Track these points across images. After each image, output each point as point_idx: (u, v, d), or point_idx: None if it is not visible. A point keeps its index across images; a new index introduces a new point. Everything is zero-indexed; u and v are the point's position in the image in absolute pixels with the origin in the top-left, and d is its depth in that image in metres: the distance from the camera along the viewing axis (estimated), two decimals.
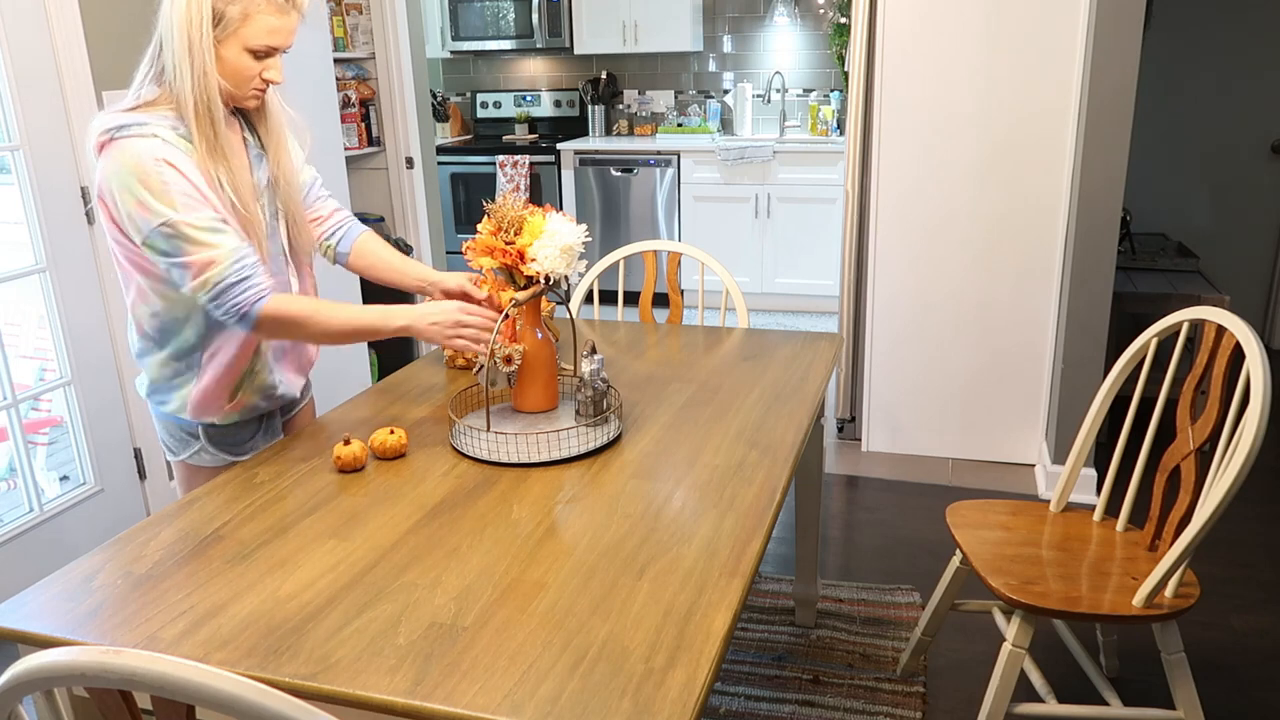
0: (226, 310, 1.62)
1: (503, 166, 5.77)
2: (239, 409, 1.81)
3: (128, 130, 1.59)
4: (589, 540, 1.42)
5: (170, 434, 1.84)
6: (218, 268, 1.59)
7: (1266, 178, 4.62)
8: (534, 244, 1.72)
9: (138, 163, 1.56)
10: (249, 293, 1.61)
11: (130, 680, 0.79)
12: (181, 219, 1.56)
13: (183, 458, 1.84)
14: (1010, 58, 3.21)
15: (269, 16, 1.60)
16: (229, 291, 1.60)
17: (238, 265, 1.61)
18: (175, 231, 1.56)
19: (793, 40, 5.76)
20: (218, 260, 1.59)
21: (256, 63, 1.63)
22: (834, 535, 3.10)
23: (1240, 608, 2.64)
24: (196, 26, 1.56)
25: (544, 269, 1.71)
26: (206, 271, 1.59)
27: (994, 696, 1.86)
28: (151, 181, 1.55)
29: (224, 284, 1.60)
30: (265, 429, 1.89)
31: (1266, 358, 1.68)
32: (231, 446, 1.84)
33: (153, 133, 1.58)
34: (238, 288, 1.61)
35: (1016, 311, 3.42)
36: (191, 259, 1.58)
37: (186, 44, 1.57)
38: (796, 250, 5.46)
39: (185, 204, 1.57)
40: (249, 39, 1.60)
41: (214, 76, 1.60)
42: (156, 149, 1.57)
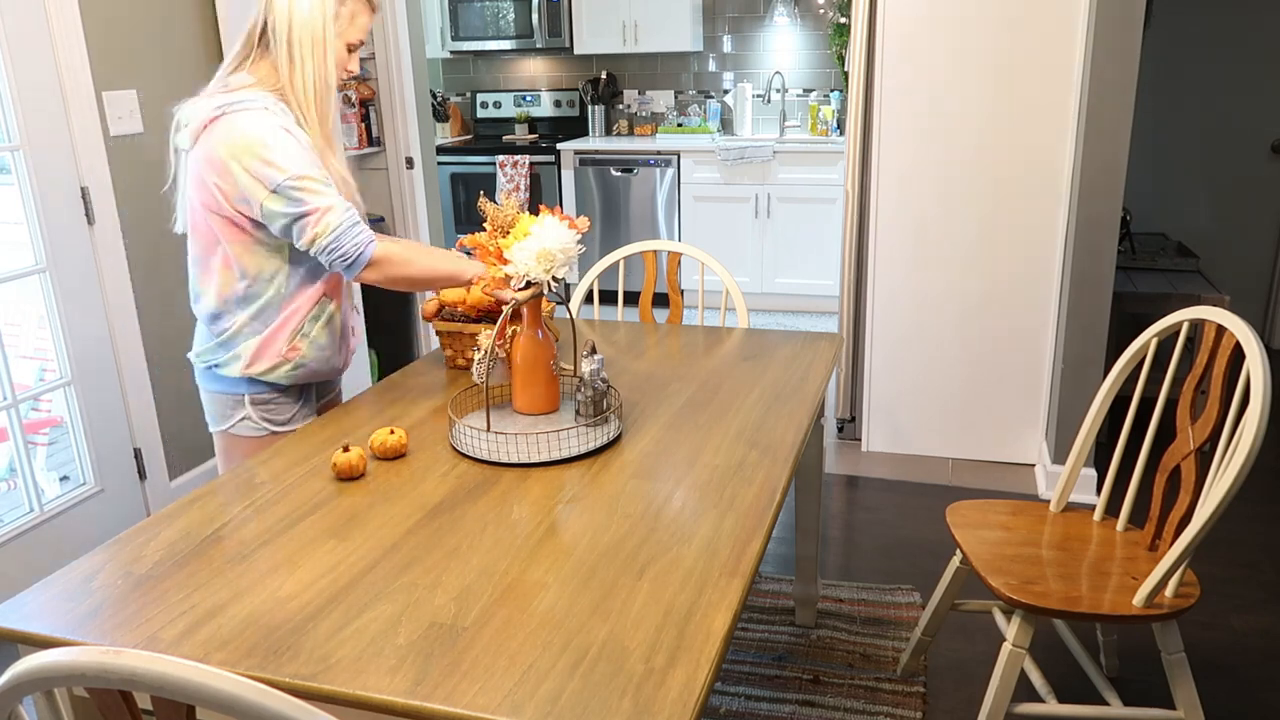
0: (345, 252, 1.79)
1: (503, 166, 5.77)
2: (294, 356, 1.91)
3: (240, 105, 1.75)
4: (589, 540, 1.42)
5: (218, 403, 1.95)
6: (335, 215, 1.77)
7: (1266, 178, 4.62)
8: (513, 246, 1.73)
9: (259, 129, 1.73)
10: (362, 235, 1.81)
11: (130, 680, 0.79)
12: (306, 173, 1.75)
13: (225, 428, 1.96)
14: (1010, 57, 3.21)
15: (366, 16, 1.85)
16: (347, 234, 1.78)
17: (350, 213, 1.80)
18: (300, 185, 1.74)
19: (793, 40, 5.76)
20: (335, 208, 1.77)
21: (348, 55, 1.86)
22: (834, 535, 3.10)
23: (1240, 608, 2.64)
24: (322, 25, 1.78)
25: (520, 272, 1.72)
26: (326, 218, 1.76)
27: (994, 696, 1.86)
28: (274, 144, 1.73)
29: (341, 228, 1.77)
30: (304, 403, 2.00)
31: (1266, 358, 1.68)
32: (273, 416, 1.94)
33: (264, 106, 1.76)
34: (353, 230, 1.79)
35: (1016, 312, 3.42)
36: (314, 207, 1.75)
37: (316, 37, 1.78)
38: (796, 250, 5.46)
39: (305, 164, 1.76)
40: (350, 35, 1.84)
41: (334, 67, 1.82)
42: (274, 119, 1.75)
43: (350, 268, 1.81)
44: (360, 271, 1.82)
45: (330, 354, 1.98)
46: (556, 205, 5.67)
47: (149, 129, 3.08)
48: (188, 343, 2.03)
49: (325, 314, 1.94)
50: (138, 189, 3.05)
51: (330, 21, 1.78)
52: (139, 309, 3.07)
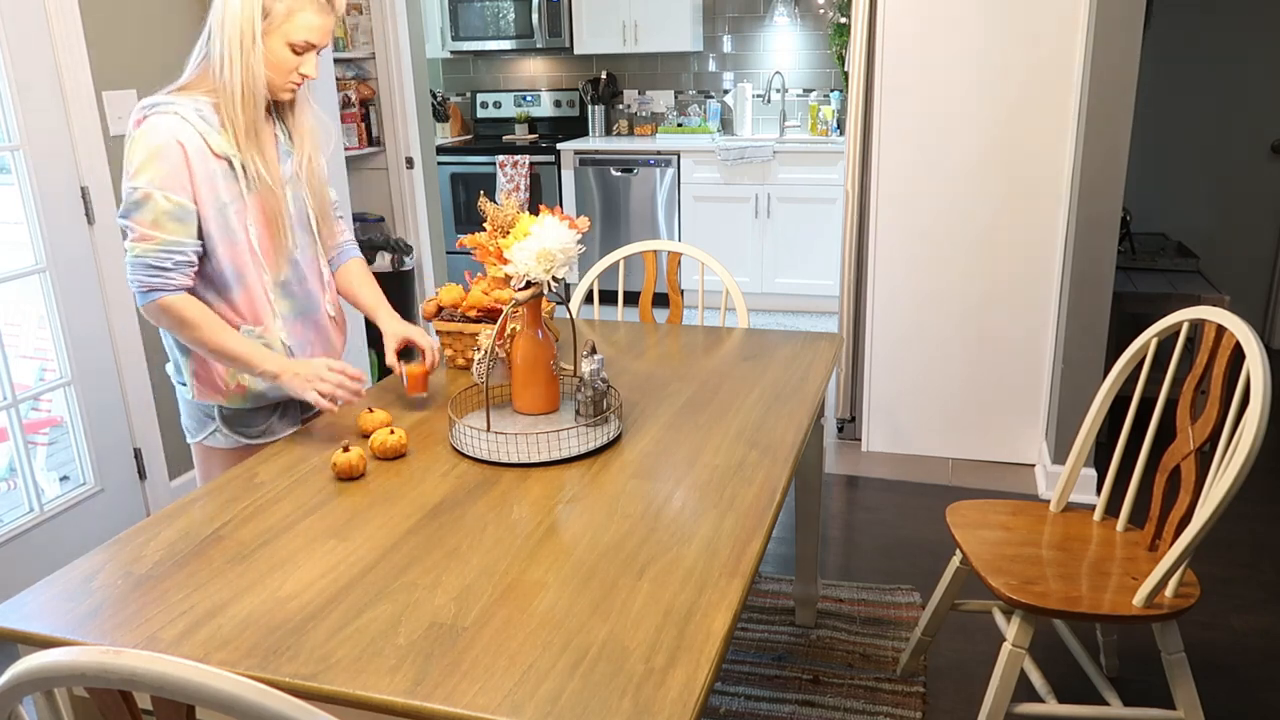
0: (134, 283, 1.73)
1: (503, 166, 5.77)
2: (242, 393, 1.86)
3: (159, 108, 1.73)
4: (589, 540, 1.42)
5: (190, 415, 1.93)
6: (149, 245, 1.70)
7: (1266, 178, 4.62)
8: (513, 246, 1.73)
9: (153, 134, 1.70)
10: (157, 279, 1.72)
11: (130, 680, 0.79)
12: (149, 189, 1.69)
13: (199, 439, 1.92)
14: (1010, 58, 3.21)
15: (310, 14, 1.74)
16: (144, 269, 1.71)
17: (166, 252, 1.71)
18: (141, 199, 1.69)
19: (793, 40, 5.76)
20: (155, 239, 1.70)
21: (295, 57, 1.76)
22: (834, 535, 3.10)
23: (1240, 608, 2.64)
24: (248, 19, 1.69)
25: (520, 272, 1.72)
26: (136, 244, 1.71)
27: (994, 696, 1.86)
28: (153, 151, 1.69)
29: (143, 260, 1.71)
30: (281, 415, 1.94)
31: (1266, 358, 1.68)
32: (245, 429, 1.90)
33: (175, 111, 1.71)
34: (153, 270, 1.71)
35: (1016, 311, 3.42)
36: (137, 227, 1.70)
37: (238, 35, 1.70)
38: (796, 250, 5.46)
39: (167, 184, 1.69)
40: (290, 34, 1.73)
41: (261, 67, 1.73)
42: (175, 127, 1.71)
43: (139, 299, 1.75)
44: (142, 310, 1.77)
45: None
46: (556, 205, 5.67)
47: None
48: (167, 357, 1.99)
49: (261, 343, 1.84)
50: None
51: (258, 19, 1.69)
52: (139, 309, 3.07)
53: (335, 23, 1.81)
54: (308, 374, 1.78)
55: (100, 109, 2.90)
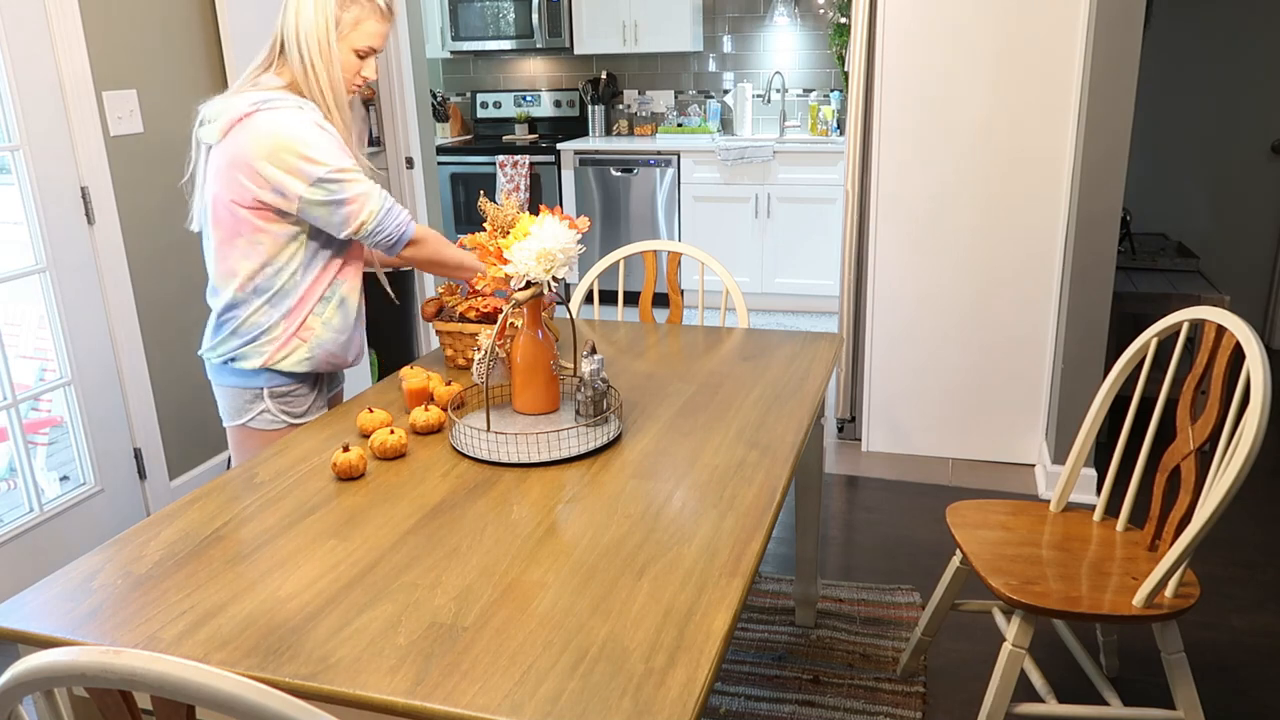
0: (389, 232, 1.91)
1: (503, 166, 5.77)
2: (309, 337, 1.97)
3: (273, 103, 1.83)
4: (589, 540, 1.42)
5: (234, 397, 2.00)
6: (375, 200, 1.89)
7: (1266, 178, 4.62)
8: (513, 246, 1.74)
9: (295, 126, 1.82)
10: (404, 216, 1.94)
11: (130, 680, 0.79)
12: (344, 164, 1.85)
13: (242, 421, 2.00)
14: (1010, 57, 3.21)
15: (374, 22, 1.89)
16: (389, 216, 1.91)
17: (387, 197, 1.93)
18: (340, 176, 1.84)
19: (793, 40, 5.76)
20: (374, 194, 1.89)
21: (359, 61, 1.92)
22: (834, 535, 3.10)
23: (1240, 608, 2.64)
24: (323, 29, 1.84)
25: (520, 272, 1.72)
26: (369, 204, 1.88)
27: (994, 696, 1.86)
28: (311, 139, 1.82)
29: (383, 211, 1.90)
30: (319, 394, 2.07)
31: (1266, 358, 1.68)
32: (289, 405, 2.00)
33: (297, 105, 1.84)
34: (394, 212, 1.92)
35: (1016, 311, 3.42)
36: (354, 194, 1.86)
37: (317, 45, 1.85)
38: (796, 250, 5.46)
39: (341, 156, 1.86)
40: (356, 41, 1.89)
41: (340, 71, 1.89)
42: (310, 116, 1.84)
43: (394, 246, 1.94)
44: (402, 249, 1.96)
45: (344, 337, 2.04)
46: (556, 205, 5.67)
47: (149, 129, 3.08)
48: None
49: (337, 295, 2.00)
50: (138, 189, 3.05)
51: (332, 29, 1.84)
52: (139, 309, 3.07)
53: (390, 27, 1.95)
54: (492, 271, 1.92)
55: (100, 109, 2.90)
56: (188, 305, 3.24)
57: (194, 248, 3.24)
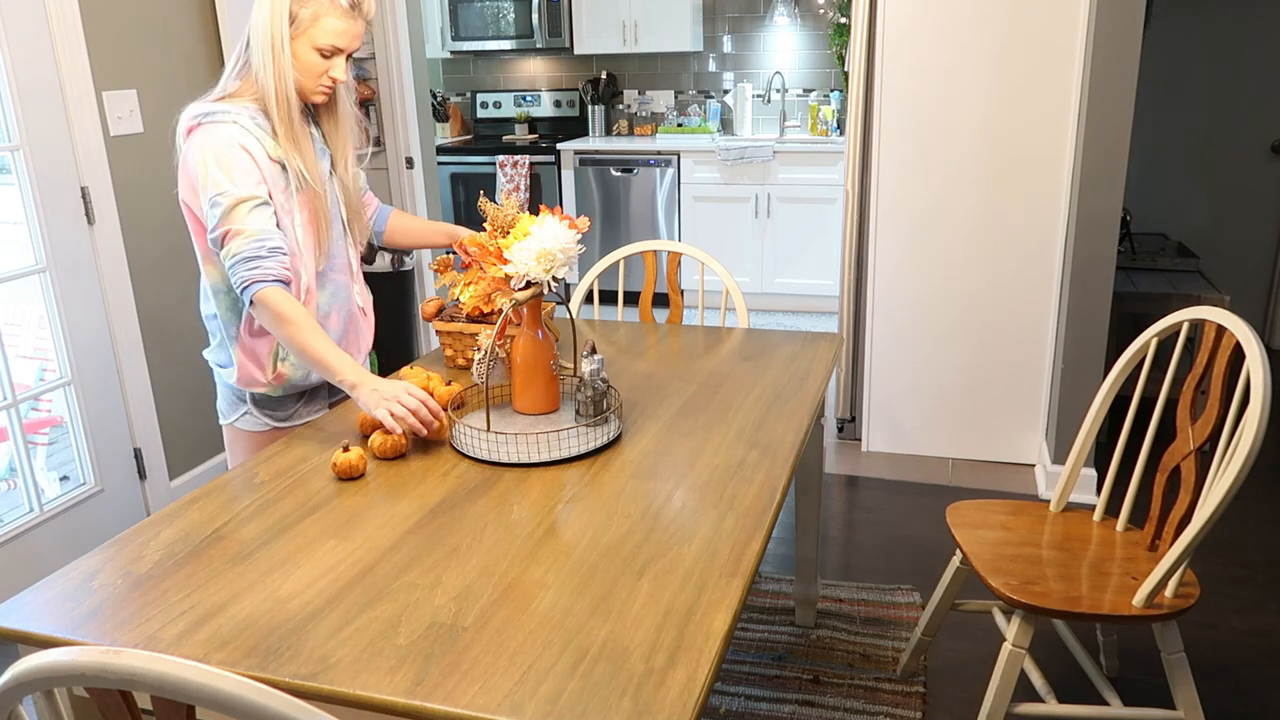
0: (237, 281, 1.76)
1: (503, 166, 5.77)
2: (280, 382, 1.94)
3: (213, 117, 1.79)
4: (589, 540, 1.42)
5: (224, 398, 2.02)
6: (241, 240, 1.75)
7: (1266, 178, 4.62)
8: (513, 246, 1.73)
9: (216, 144, 1.77)
10: (255, 271, 1.75)
11: (130, 680, 0.79)
12: (234, 193, 1.75)
13: (230, 421, 2.01)
14: (1010, 57, 3.21)
15: (335, 19, 1.79)
16: (242, 264, 1.75)
17: (258, 244, 1.76)
18: (225, 204, 1.75)
19: (793, 40, 5.76)
20: (245, 233, 1.75)
21: (323, 61, 1.82)
22: (834, 535, 3.10)
23: (1240, 608, 2.64)
24: (277, 26, 1.76)
25: (520, 272, 1.71)
26: (232, 242, 1.75)
27: (994, 696, 1.86)
28: (224, 158, 1.76)
29: (239, 256, 1.75)
30: (309, 400, 2.02)
31: (1266, 358, 1.68)
32: (274, 412, 1.98)
33: (234, 120, 1.79)
34: (248, 263, 1.75)
35: (1016, 311, 3.42)
36: (227, 229, 1.75)
37: (269, 41, 1.77)
38: (796, 250, 5.46)
39: (242, 183, 1.76)
40: (316, 39, 1.79)
41: (290, 71, 1.79)
42: (235, 134, 1.78)
43: (242, 297, 1.76)
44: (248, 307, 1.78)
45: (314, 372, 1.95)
46: (556, 205, 5.67)
47: (149, 129, 3.08)
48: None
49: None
50: (138, 189, 3.05)
51: (285, 24, 1.76)
52: (139, 309, 3.07)
53: (364, 27, 1.85)
54: (385, 392, 1.73)
55: (100, 109, 2.90)
56: (188, 305, 3.24)
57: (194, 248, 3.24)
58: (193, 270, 3.23)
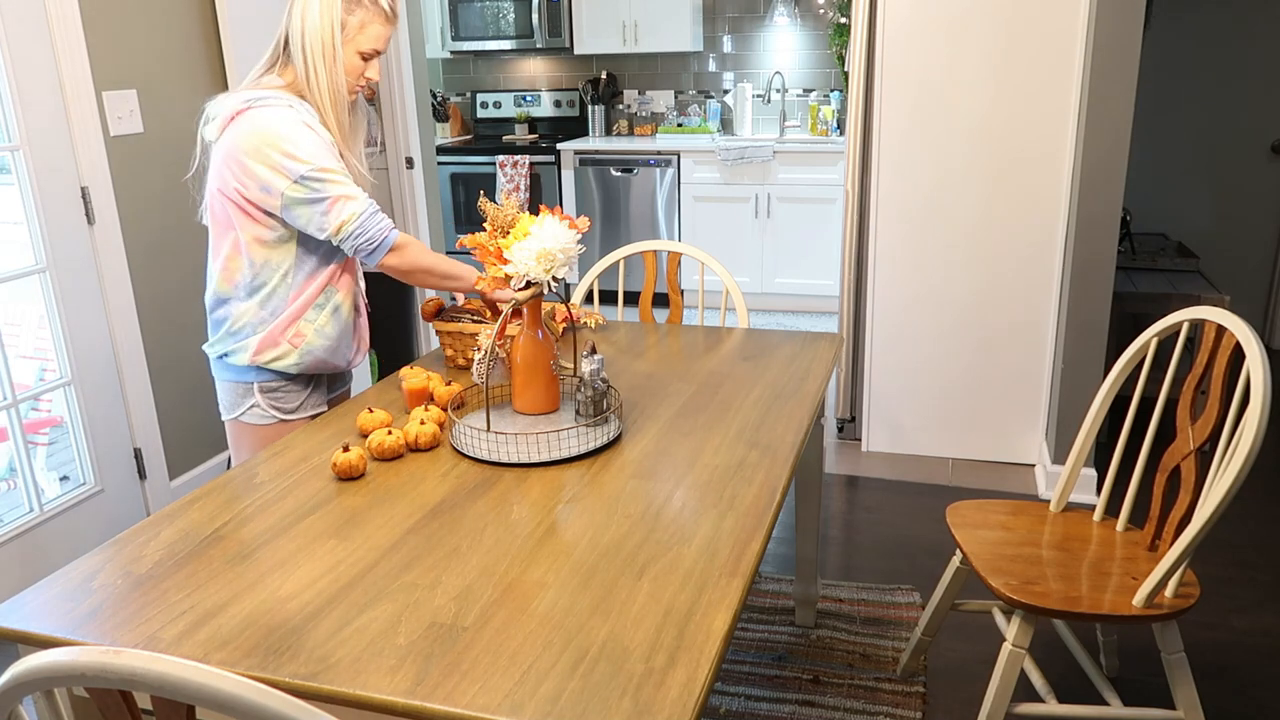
0: (370, 237, 1.88)
1: (503, 166, 5.77)
2: (299, 343, 1.97)
3: (265, 101, 1.84)
4: (589, 540, 1.42)
5: (229, 391, 2.03)
6: (357, 203, 1.87)
7: (1266, 178, 4.62)
8: (513, 246, 1.73)
9: (282, 123, 1.82)
10: (385, 222, 1.92)
11: (130, 680, 0.79)
12: (328, 165, 1.85)
13: (235, 415, 2.03)
14: (1010, 57, 3.21)
15: (379, 25, 1.92)
16: (370, 220, 1.88)
17: (370, 202, 1.90)
18: (322, 176, 1.84)
19: (793, 40, 5.76)
20: (357, 197, 1.88)
21: (363, 63, 1.94)
22: (834, 535, 3.10)
23: (1240, 608, 2.64)
24: (329, 33, 1.86)
25: (520, 272, 1.72)
26: (350, 206, 1.86)
27: (994, 696, 1.86)
28: (296, 137, 1.82)
29: (364, 215, 1.88)
30: (314, 392, 2.06)
31: (1266, 358, 1.68)
32: (281, 404, 2.00)
33: (288, 104, 1.85)
34: (376, 217, 1.90)
35: (1016, 311, 3.42)
36: (336, 196, 1.85)
37: (322, 48, 1.86)
38: (796, 250, 5.46)
39: (326, 157, 1.85)
40: (362, 44, 1.91)
41: (343, 74, 1.90)
42: (297, 115, 1.85)
43: (374, 253, 1.91)
44: (383, 257, 1.92)
45: (337, 344, 2.04)
46: (556, 205, 5.67)
47: (149, 129, 3.08)
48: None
49: (331, 303, 2.00)
50: (138, 189, 3.05)
51: (338, 30, 1.86)
52: (139, 309, 3.07)
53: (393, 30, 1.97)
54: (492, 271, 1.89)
55: (100, 109, 2.90)
56: (187, 305, 3.24)
57: (194, 247, 3.25)
58: (193, 269, 3.23)
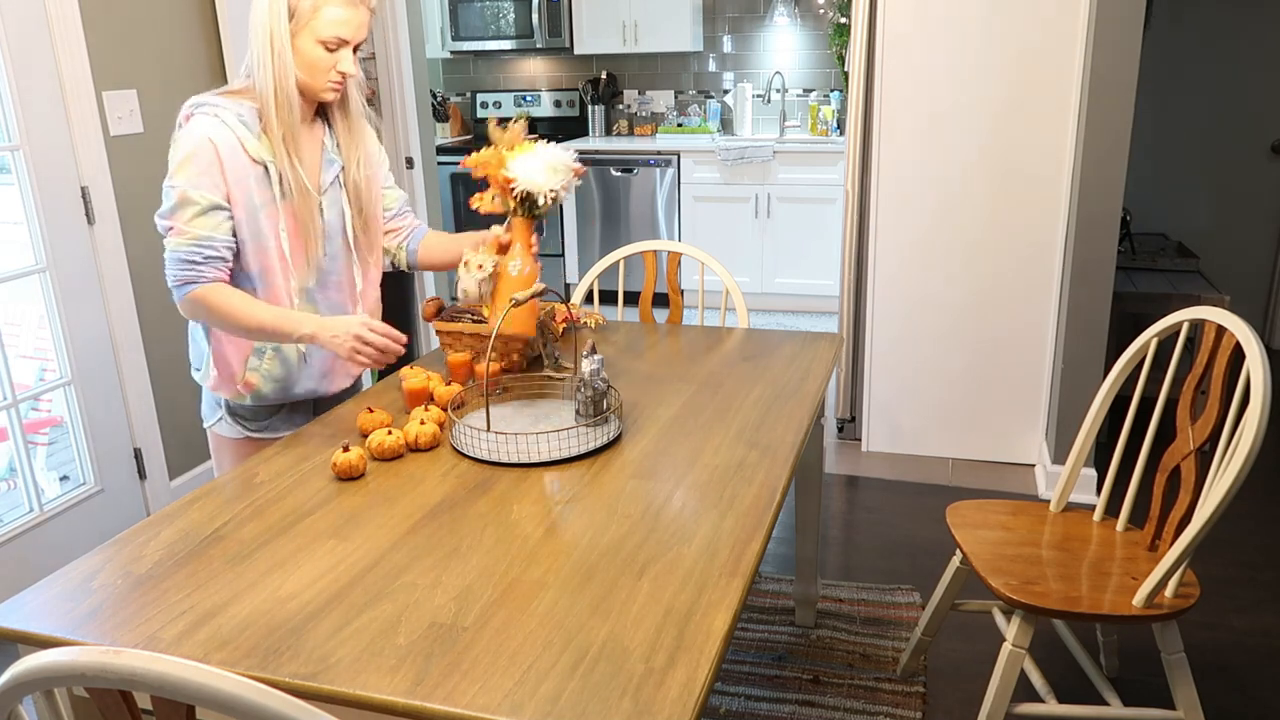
0: (170, 278, 1.75)
1: None
2: (249, 391, 1.91)
3: (203, 108, 1.75)
4: (589, 540, 1.42)
5: (205, 401, 2.01)
6: (182, 239, 1.73)
7: (1266, 178, 4.62)
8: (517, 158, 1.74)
9: (189, 136, 1.73)
10: (190, 273, 1.74)
11: (130, 680, 0.79)
12: (184, 189, 1.72)
13: (209, 424, 2.01)
14: (1010, 57, 3.21)
15: (336, 8, 1.72)
16: (177, 263, 1.74)
17: (197, 247, 1.74)
18: (176, 199, 1.72)
19: (793, 40, 5.76)
20: (185, 234, 1.73)
21: (329, 55, 1.75)
22: (834, 535, 3.10)
23: (1240, 608, 2.64)
24: (275, 22, 1.70)
25: (528, 186, 1.75)
26: (174, 238, 1.74)
27: (994, 696, 1.86)
28: (188, 153, 1.72)
29: (176, 255, 1.74)
30: (286, 415, 1.99)
31: (1266, 358, 1.68)
32: (247, 422, 1.97)
33: (215, 113, 1.74)
34: (185, 264, 1.74)
35: (1016, 311, 3.41)
36: (170, 223, 1.74)
37: (267, 38, 1.71)
38: (796, 250, 5.46)
39: (199, 183, 1.72)
40: (319, 31, 1.72)
41: (291, 68, 1.73)
42: (211, 128, 1.73)
43: (175, 294, 1.77)
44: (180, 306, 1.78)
45: (286, 384, 1.93)
46: None
47: (149, 129, 3.08)
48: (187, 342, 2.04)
49: (270, 347, 1.88)
50: (138, 189, 3.05)
51: (283, 19, 1.69)
52: (139, 309, 3.07)
53: (368, 16, 1.78)
54: (346, 336, 1.76)
55: (100, 109, 2.90)
56: None
57: None
58: None
